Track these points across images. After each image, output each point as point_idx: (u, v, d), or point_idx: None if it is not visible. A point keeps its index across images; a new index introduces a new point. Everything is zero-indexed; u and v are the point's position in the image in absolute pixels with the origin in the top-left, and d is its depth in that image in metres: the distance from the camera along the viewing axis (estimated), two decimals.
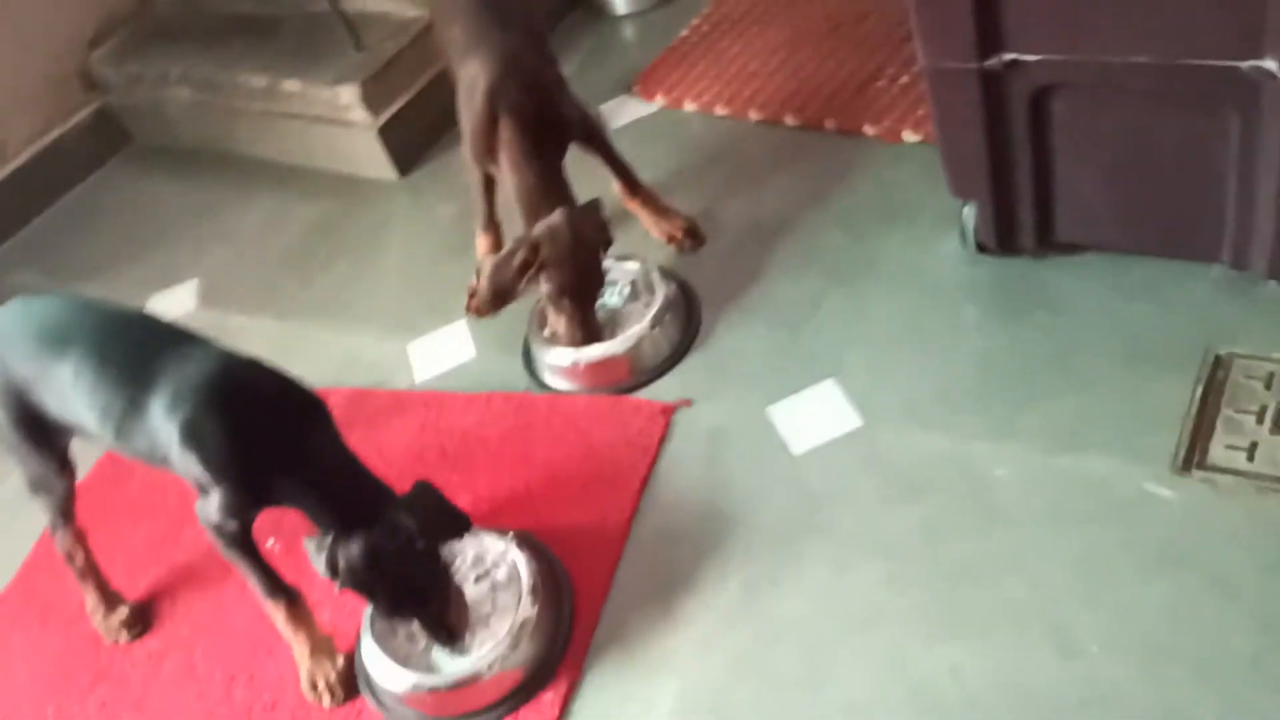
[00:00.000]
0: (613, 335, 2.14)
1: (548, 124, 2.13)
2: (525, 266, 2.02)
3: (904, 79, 2.47)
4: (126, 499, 2.22)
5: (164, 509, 2.18)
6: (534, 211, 2.07)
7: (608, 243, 2.10)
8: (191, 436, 1.56)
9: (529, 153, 2.09)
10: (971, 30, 1.70)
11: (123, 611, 1.98)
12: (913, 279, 2.10)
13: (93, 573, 1.98)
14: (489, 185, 2.29)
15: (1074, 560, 1.61)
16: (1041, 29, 1.68)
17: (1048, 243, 1.98)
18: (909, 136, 2.36)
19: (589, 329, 2.11)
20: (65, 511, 1.90)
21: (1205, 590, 1.52)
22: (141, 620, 1.99)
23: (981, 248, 2.03)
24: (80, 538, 1.95)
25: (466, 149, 2.21)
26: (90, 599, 1.98)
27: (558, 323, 2.11)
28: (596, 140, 2.28)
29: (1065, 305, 1.95)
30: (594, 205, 2.09)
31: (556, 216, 2.03)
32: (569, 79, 2.74)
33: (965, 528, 1.70)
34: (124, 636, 1.97)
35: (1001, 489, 1.73)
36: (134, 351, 1.64)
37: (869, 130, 2.42)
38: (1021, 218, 1.95)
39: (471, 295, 2.37)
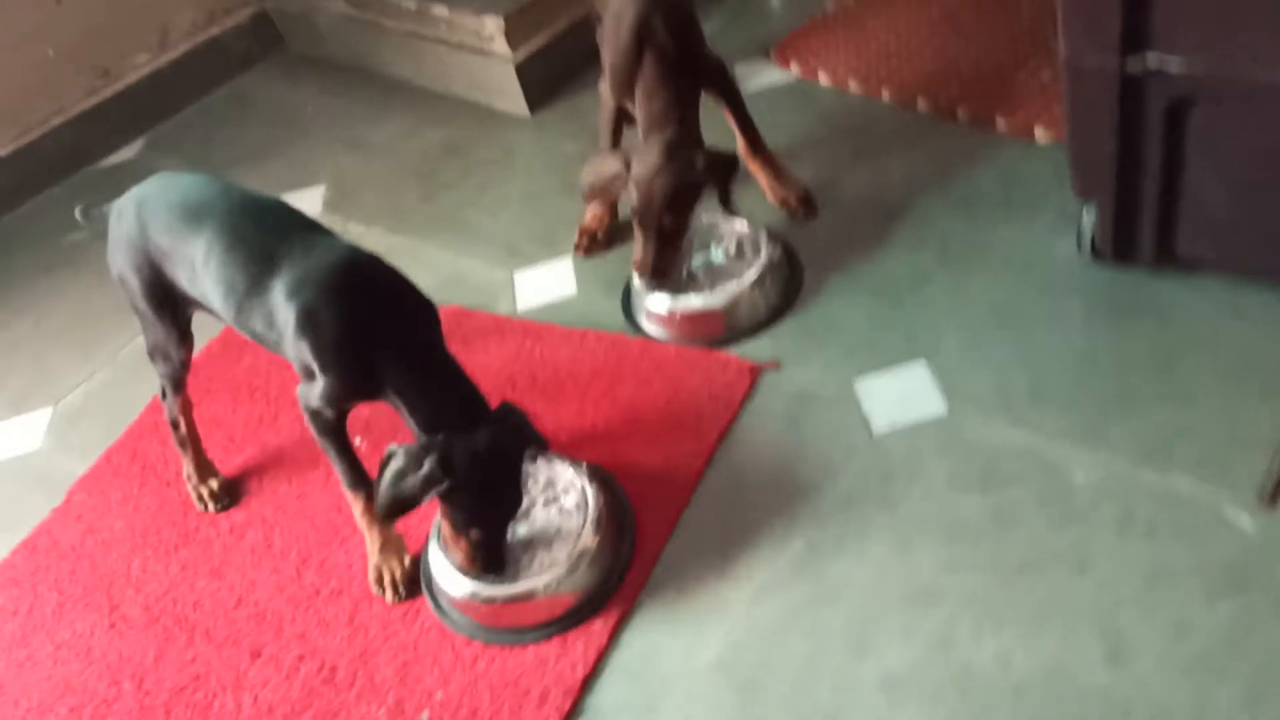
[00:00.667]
0: (711, 289, 2.16)
1: (688, 64, 2.16)
2: (616, 178, 2.09)
3: (1045, 75, 2.42)
4: (234, 379, 2.33)
5: (266, 393, 2.29)
6: (670, 136, 2.09)
7: (690, 183, 2.07)
8: (307, 322, 1.64)
9: (668, 86, 2.13)
10: (1117, 29, 1.67)
11: (214, 483, 2.09)
12: (1023, 273, 2.08)
13: (193, 442, 2.08)
14: (619, 122, 2.32)
15: (1140, 571, 1.60)
16: (1190, 36, 1.64)
17: (1166, 256, 1.94)
18: (1041, 134, 2.32)
19: (657, 264, 2.11)
20: (177, 381, 2.00)
21: (1269, 620, 1.50)
22: (230, 494, 2.10)
23: (1097, 252, 2.00)
24: (186, 408, 2.06)
25: (605, 83, 2.25)
26: (187, 466, 2.09)
27: (637, 247, 2.14)
28: (729, 92, 2.30)
29: (1175, 319, 1.91)
30: (704, 152, 2.08)
31: (658, 139, 2.07)
32: (713, 36, 2.77)
33: (1035, 523, 1.69)
34: (213, 506, 2.08)
35: (1079, 491, 1.72)
36: (265, 235, 1.72)
37: (1001, 123, 2.39)
38: (1142, 226, 1.91)
39: (582, 234, 2.42)
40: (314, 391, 1.69)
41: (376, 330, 1.64)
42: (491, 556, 1.72)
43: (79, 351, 2.56)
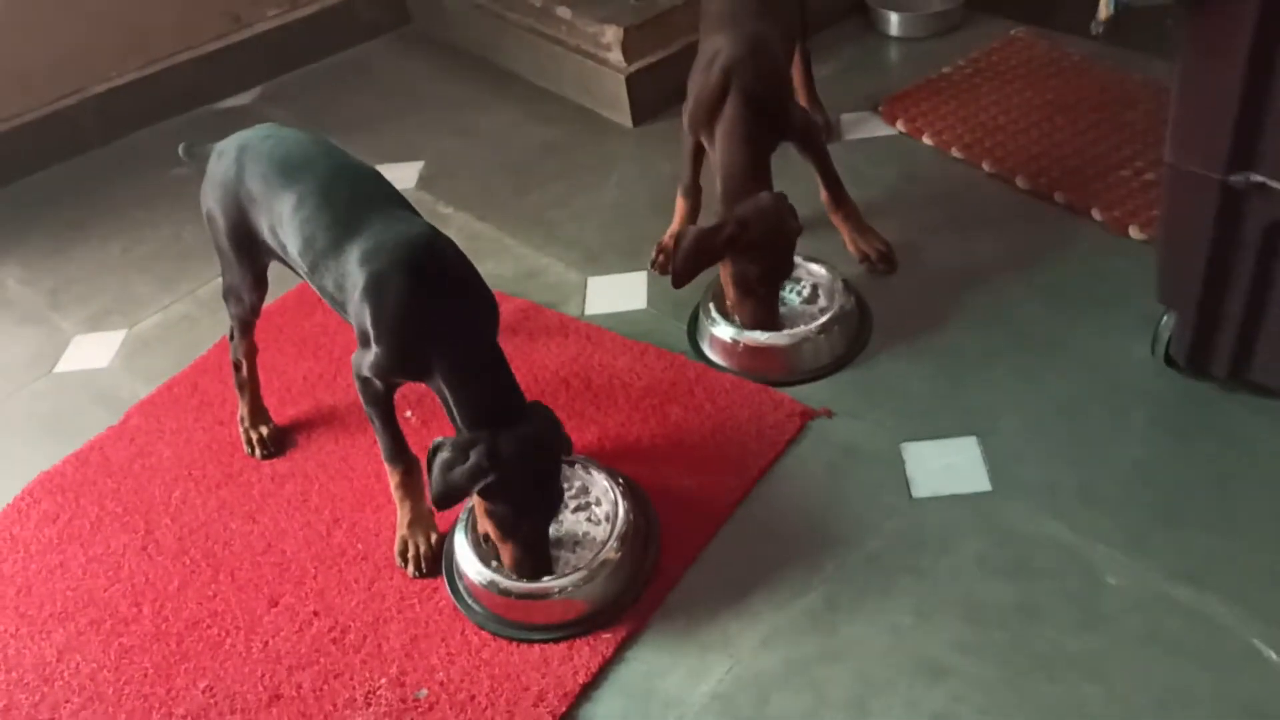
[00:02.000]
0: (780, 328, 2.17)
1: (770, 113, 2.17)
2: (731, 241, 2.05)
3: (1149, 175, 2.39)
4: (300, 333, 2.39)
5: (330, 352, 2.34)
6: (735, 191, 2.11)
7: (798, 231, 2.12)
8: (374, 290, 1.68)
9: (746, 134, 2.13)
10: (1228, 140, 1.65)
11: (265, 429, 2.14)
12: (1093, 370, 2.05)
13: (252, 387, 2.14)
14: (698, 154, 2.33)
15: (1157, 688, 1.57)
16: None
17: (1240, 377, 1.91)
18: (1135, 233, 2.29)
19: (772, 314, 2.14)
20: (246, 324, 2.06)
21: None
22: (278, 443, 2.15)
23: (1170, 361, 1.97)
24: (251, 353, 2.11)
25: (687, 115, 2.26)
26: (242, 409, 2.15)
27: (741, 303, 2.15)
28: (814, 145, 2.30)
29: (1239, 442, 1.87)
30: (782, 195, 2.11)
31: (766, 199, 2.07)
32: (824, 82, 2.79)
33: (1059, 621, 1.67)
34: (259, 452, 2.13)
35: (1109, 597, 1.69)
36: (353, 200, 1.76)
37: (1097, 215, 2.36)
38: (1220, 344, 1.88)
39: (659, 252, 2.44)
40: (366, 360, 1.73)
41: (437, 313, 1.68)
42: (539, 560, 1.74)
43: (161, 282, 2.65)
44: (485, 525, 1.76)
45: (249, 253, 1.93)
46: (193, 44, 3.25)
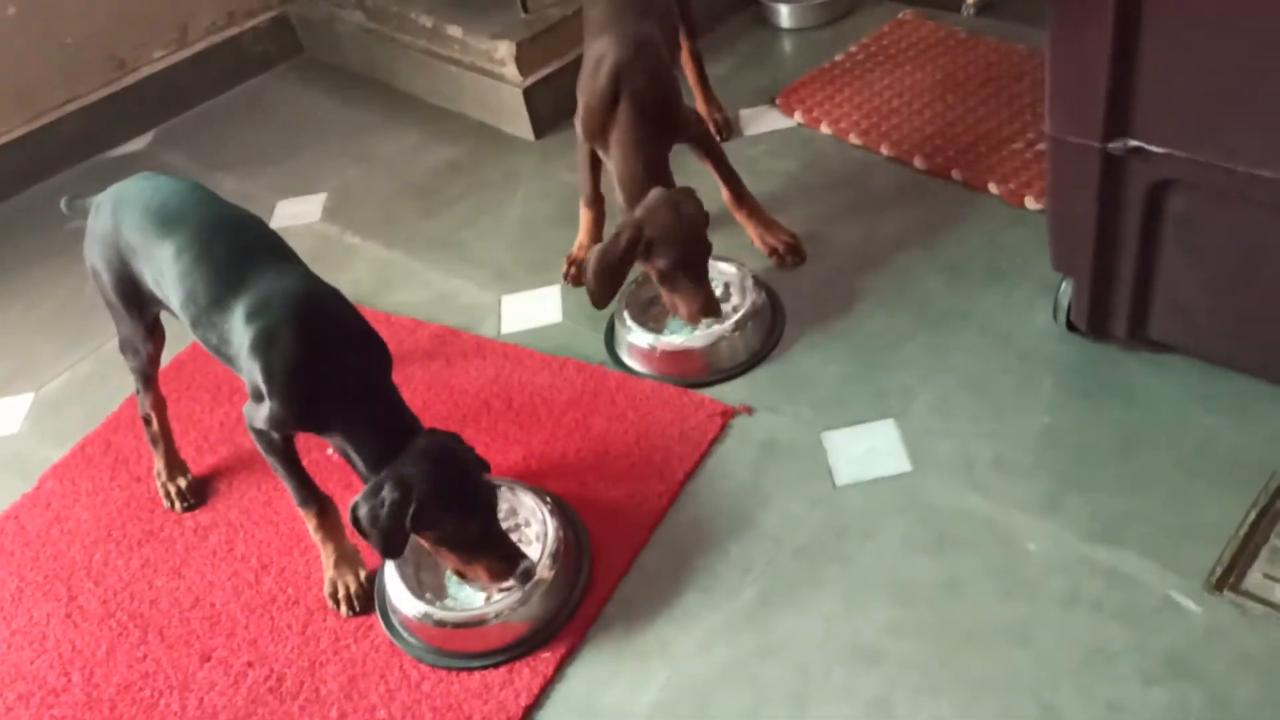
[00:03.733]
0: (719, 313, 2.16)
1: (663, 115, 2.18)
2: (632, 245, 2.06)
3: (1041, 145, 2.45)
4: (213, 379, 2.35)
5: (244, 396, 2.30)
6: (636, 196, 2.12)
7: (699, 216, 2.11)
8: (262, 346, 1.65)
9: (640, 139, 2.14)
10: (1102, 109, 1.69)
11: (183, 481, 2.11)
12: (999, 341, 2.09)
13: (164, 439, 2.11)
14: (595, 163, 2.33)
15: (1081, 648, 1.61)
16: (1172, 123, 1.66)
17: (1138, 336, 1.96)
18: (1030, 203, 2.34)
19: (706, 301, 2.12)
20: (147, 376, 2.03)
21: (1204, 708, 1.50)
22: (198, 494, 2.12)
23: (1072, 326, 2.02)
24: (159, 405, 2.08)
25: (579, 123, 2.26)
26: (158, 463, 2.11)
27: (671, 300, 2.15)
28: (708, 144, 2.31)
29: (1141, 400, 1.93)
30: (688, 190, 2.12)
31: (654, 195, 2.08)
32: (719, 79, 2.80)
33: (983, 591, 1.70)
34: (179, 505, 2.10)
35: (1030, 563, 1.73)
36: (233, 253, 1.73)
37: (993, 188, 2.41)
38: (1116, 305, 1.93)
39: (570, 264, 2.45)
40: (260, 414, 1.71)
41: (328, 366, 1.66)
42: (509, 556, 1.71)
43: (65, 340, 2.59)
44: (446, 560, 1.74)
45: (137, 305, 1.90)
46: (79, 93, 3.18)
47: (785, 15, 3.14)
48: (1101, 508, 1.78)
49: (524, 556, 1.72)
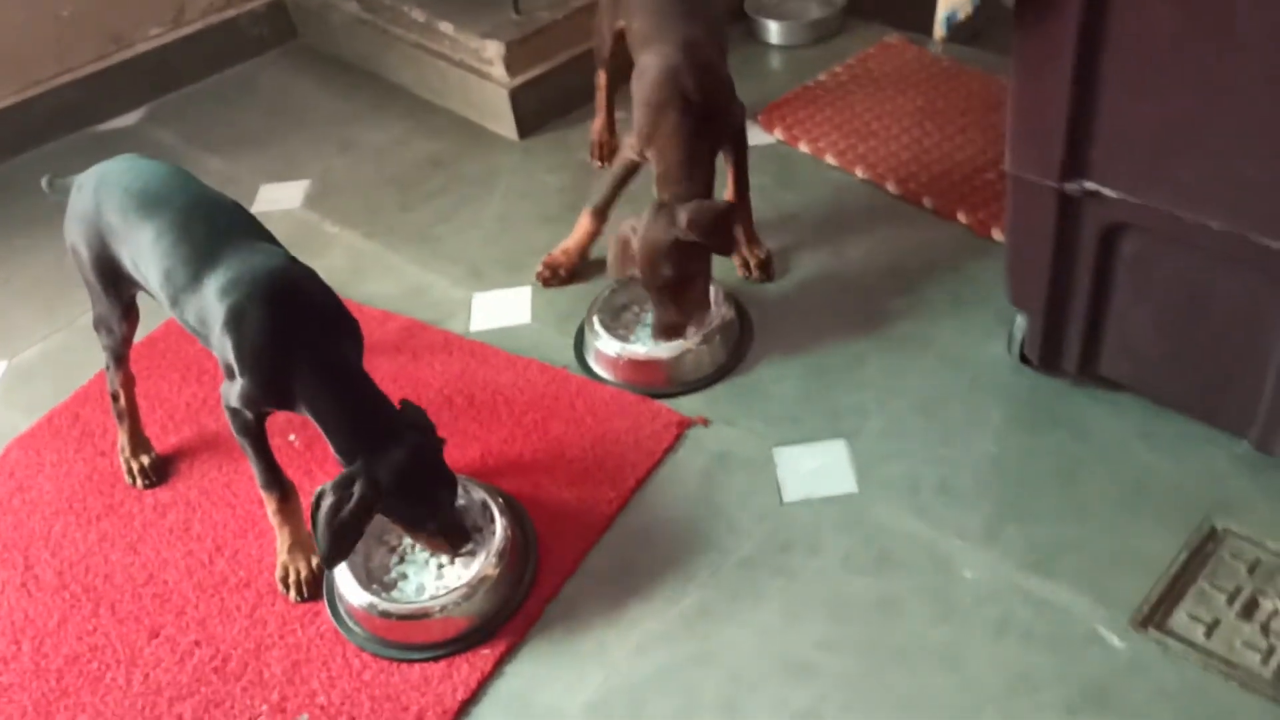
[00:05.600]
0: (680, 335, 2.19)
1: (711, 113, 2.19)
2: (624, 245, 2.11)
3: None
4: (183, 360, 2.37)
5: (212, 378, 2.34)
6: (672, 191, 2.11)
7: (666, 243, 2.07)
8: (233, 322, 1.69)
9: (685, 137, 2.14)
10: (1059, 150, 1.74)
11: (146, 458, 2.14)
12: (953, 368, 2.14)
13: (130, 416, 2.13)
14: (628, 175, 2.34)
15: (1007, 675, 1.65)
16: (1124, 167, 1.71)
17: (1089, 372, 2.00)
18: (997, 234, 2.38)
19: (670, 323, 2.15)
20: (119, 354, 2.06)
21: None
22: (160, 472, 2.15)
23: (1025, 359, 2.06)
24: (128, 382, 2.11)
25: (635, 131, 2.24)
26: (122, 438, 2.14)
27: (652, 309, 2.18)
28: (740, 147, 2.33)
29: (1087, 435, 1.97)
30: (665, 210, 2.10)
31: (647, 211, 2.10)
32: None
33: (916, 614, 1.75)
34: (140, 481, 2.13)
35: (963, 589, 1.77)
36: (211, 234, 1.77)
37: (962, 217, 2.45)
38: (1069, 342, 1.97)
39: (545, 265, 2.48)
40: (233, 391, 1.74)
41: (299, 342, 1.69)
42: (454, 534, 1.78)
43: (42, 311, 2.62)
44: (397, 524, 1.79)
45: (114, 284, 1.93)
46: (72, 66, 3.20)
47: (774, 32, 3.18)
48: (1039, 538, 1.82)
49: (469, 539, 1.80)
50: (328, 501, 1.67)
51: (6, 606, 1.94)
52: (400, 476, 1.69)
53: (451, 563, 1.88)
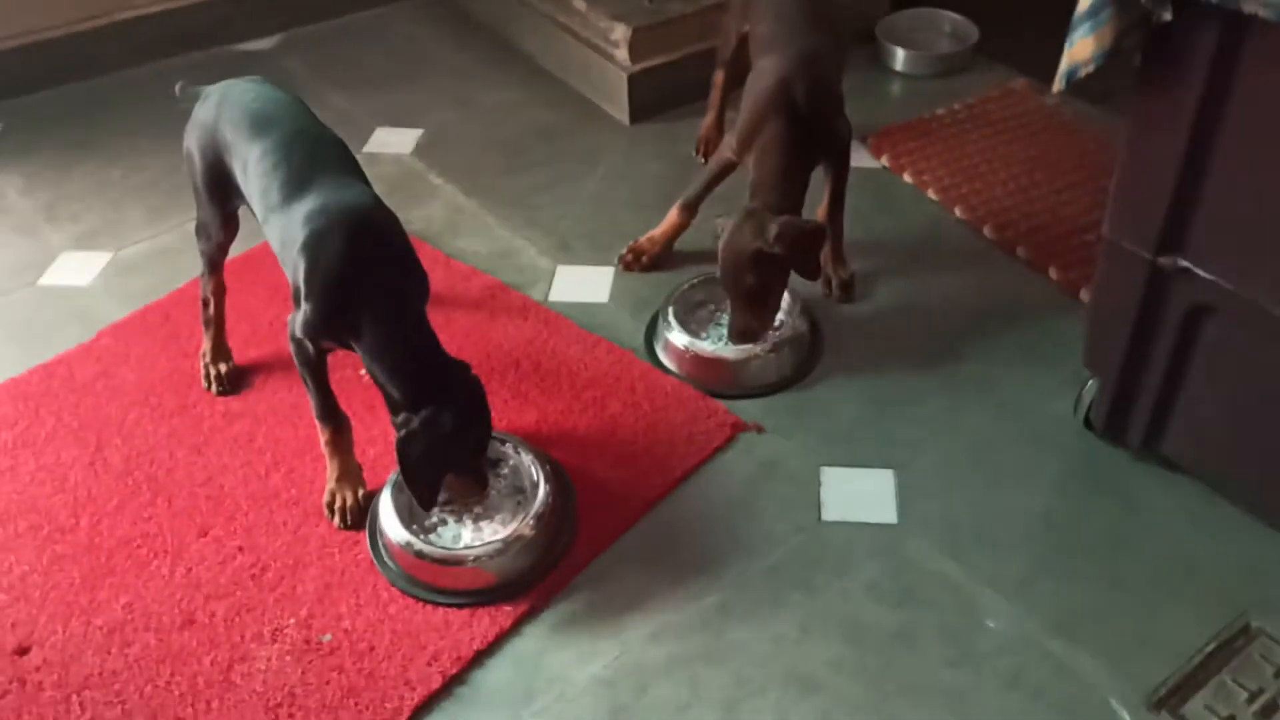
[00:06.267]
0: (753, 340, 2.22)
1: (815, 130, 2.21)
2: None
3: None
4: (276, 280, 2.44)
5: None
6: (764, 198, 2.14)
7: (750, 252, 2.08)
8: (311, 248, 1.76)
9: (783, 149, 2.16)
10: (1159, 222, 1.73)
11: (224, 367, 2.23)
12: (1014, 419, 2.13)
13: (217, 324, 2.23)
14: (723, 174, 2.38)
15: None
16: (1221, 251, 1.69)
17: (1150, 448, 1.98)
18: (1084, 296, 2.36)
19: (743, 327, 2.17)
20: (214, 261, 2.15)
21: None
22: (235, 382, 2.24)
23: (1089, 424, 2.05)
24: (219, 290, 2.20)
25: (734, 134, 2.28)
26: (206, 344, 2.24)
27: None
28: (841, 165, 2.34)
29: (1137, 509, 1.95)
30: (756, 219, 2.11)
31: (739, 215, 2.13)
32: None
33: (931, 651, 1.75)
34: (216, 388, 2.22)
35: (983, 636, 1.77)
36: (309, 162, 1.84)
37: (1053, 273, 2.44)
38: (1136, 414, 1.95)
39: (630, 252, 2.52)
40: (298, 320, 1.81)
41: (368, 280, 1.76)
42: (480, 482, 1.89)
43: (153, 211, 2.74)
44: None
45: (220, 194, 2.02)
46: None
47: (901, 59, 3.18)
48: (1069, 601, 1.81)
49: (485, 485, 1.91)
50: (417, 446, 1.75)
51: (73, 481, 2.05)
52: (460, 424, 1.77)
53: (490, 518, 1.93)
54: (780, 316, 2.27)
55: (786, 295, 2.33)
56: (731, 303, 2.19)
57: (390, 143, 2.97)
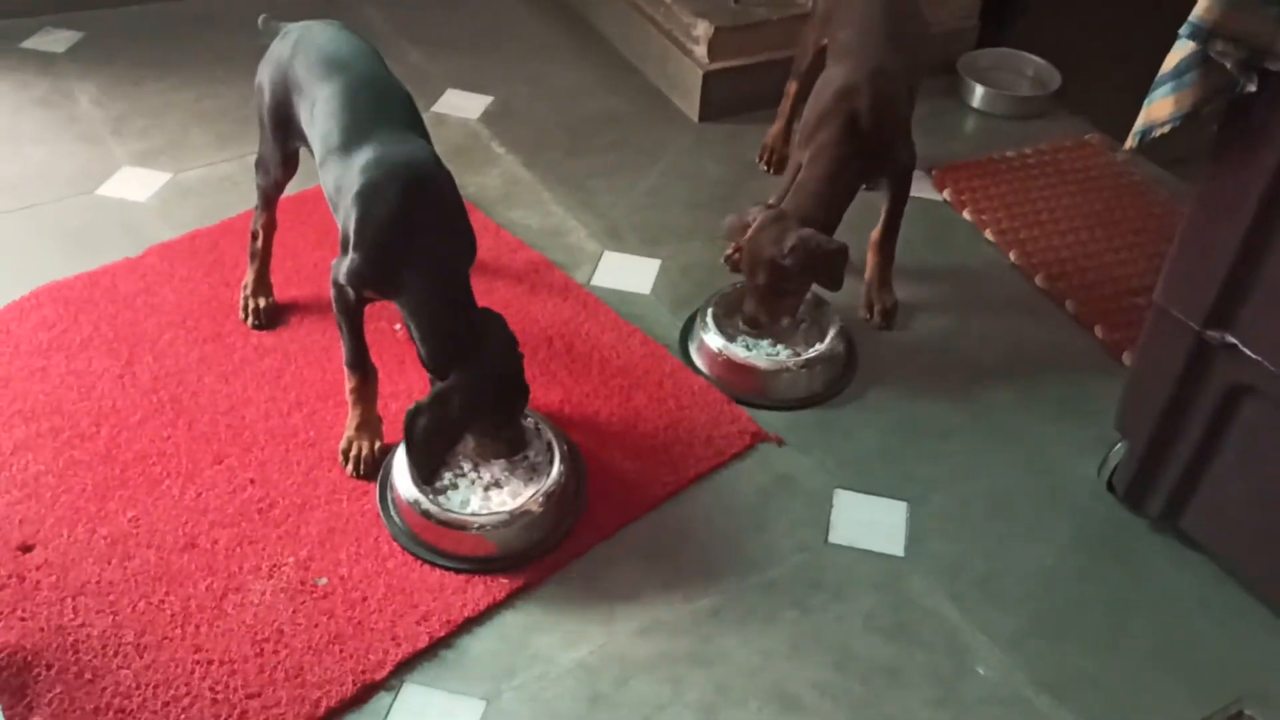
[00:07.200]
0: (772, 350, 2.25)
1: (871, 145, 2.19)
2: (742, 229, 2.16)
3: None
4: (324, 223, 2.47)
5: None
6: (798, 207, 2.14)
7: (772, 253, 2.09)
8: (365, 197, 1.77)
9: (834, 157, 2.15)
10: (1212, 295, 1.70)
11: (264, 301, 2.26)
12: (1036, 472, 2.11)
13: (263, 258, 2.25)
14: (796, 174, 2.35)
15: None
16: (1270, 332, 1.66)
17: (1170, 520, 1.96)
18: (1128, 359, 2.33)
19: (753, 314, 2.18)
20: (269, 197, 2.17)
21: None
22: (272, 318, 2.26)
23: (1111, 487, 2.02)
24: (270, 226, 2.22)
25: (800, 133, 2.28)
26: (249, 276, 2.26)
27: (745, 296, 2.21)
28: (900, 190, 2.33)
29: (1146, 580, 1.93)
30: (818, 246, 2.08)
31: (768, 217, 2.12)
32: None
33: (917, 690, 1.74)
34: (252, 320, 2.25)
35: (972, 683, 1.76)
36: (374, 112, 1.85)
37: (1099, 332, 2.41)
38: (1160, 484, 1.93)
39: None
40: (343, 267, 1.83)
41: (416, 235, 1.77)
42: (516, 441, 1.91)
43: (217, 138, 2.77)
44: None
45: (284, 131, 2.03)
46: None
47: (979, 95, 3.15)
48: (1063, 662, 1.79)
49: (526, 446, 1.93)
50: (423, 421, 1.77)
51: (100, 391, 2.08)
52: (488, 392, 1.79)
53: (500, 488, 1.93)
54: (819, 346, 2.25)
55: (827, 310, 2.33)
56: (748, 290, 2.19)
57: (459, 106, 2.98)
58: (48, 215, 2.51)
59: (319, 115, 1.87)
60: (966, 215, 2.73)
